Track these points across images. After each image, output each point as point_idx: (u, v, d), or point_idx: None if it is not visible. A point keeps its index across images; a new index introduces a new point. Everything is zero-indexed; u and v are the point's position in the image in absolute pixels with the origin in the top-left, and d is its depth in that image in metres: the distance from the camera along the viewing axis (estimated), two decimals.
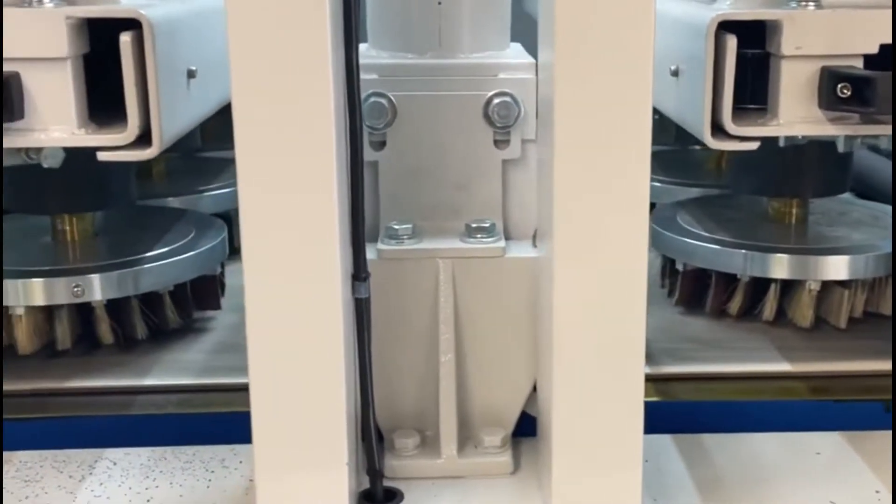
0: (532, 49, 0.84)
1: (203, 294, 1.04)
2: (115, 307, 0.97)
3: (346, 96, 0.68)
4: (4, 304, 0.93)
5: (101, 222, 1.06)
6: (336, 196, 0.66)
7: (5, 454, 0.83)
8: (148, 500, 0.77)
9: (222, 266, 1.07)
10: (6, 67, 0.69)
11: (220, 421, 0.89)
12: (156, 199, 1.21)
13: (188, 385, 0.94)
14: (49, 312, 0.96)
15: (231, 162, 0.67)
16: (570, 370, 0.70)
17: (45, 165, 0.87)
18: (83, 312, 0.97)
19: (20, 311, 0.93)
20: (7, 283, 0.93)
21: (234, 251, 0.92)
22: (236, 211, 0.68)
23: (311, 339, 0.68)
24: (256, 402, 0.70)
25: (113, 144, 0.72)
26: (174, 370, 0.96)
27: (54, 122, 0.71)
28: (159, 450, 0.84)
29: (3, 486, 0.78)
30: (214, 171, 1.34)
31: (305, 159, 0.65)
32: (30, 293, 0.93)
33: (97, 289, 0.94)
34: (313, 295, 0.68)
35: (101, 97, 0.75)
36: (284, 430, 0.70)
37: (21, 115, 0.70)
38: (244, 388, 0.71)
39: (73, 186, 0.99)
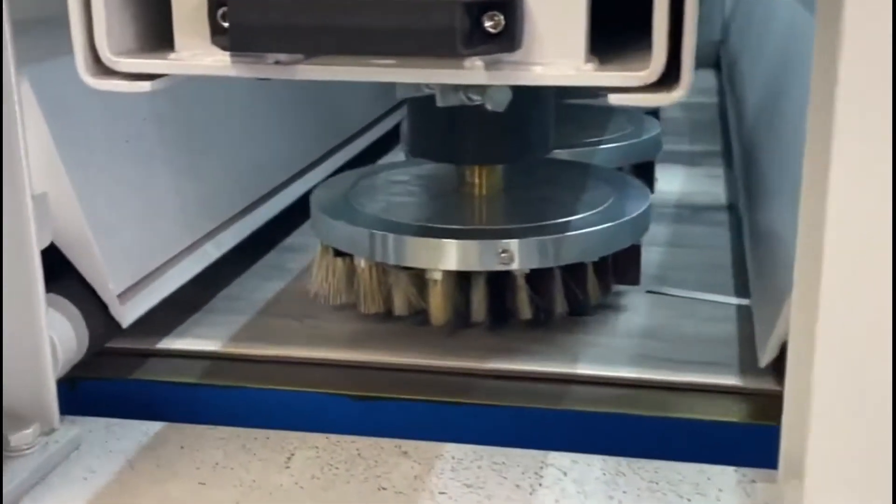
0: None
1: (625, 266, 0.89)
2: (533, 277, 0.84)
3: None
4: (416, 265, 0.82)
5: (507, 176, 0.93)
6: None
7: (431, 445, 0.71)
8: None
9: None
10: None
11: (678, 429, 0.73)
12: None
13: (623, 378, 0.79)
14: (462, 279, 0.84)
15: (610, 111, 0.50)
16: None
17: (490, 108, 0.74)
18: (495, 280, 0.85)
19: (437, 275, 0.81)
20: (419, 241, 0.81)
21: None
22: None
23: None
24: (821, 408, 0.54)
25: (627, 84, 0.56)
26: (602, 358, 0.82)
27: (558, 54, 0.57)
28: (611, 461, 0.69)
29: (445, 484, 0.66)
30: (592, 120, 1.18)
31: None
32: (448, 255, 0.80)
33: (521, 256, 0.80)
34: None
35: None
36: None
37: (519, 45, 0.56)
38: (701, 390, 0.55)
39: (492, 134, 0.86)
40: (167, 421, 0.75)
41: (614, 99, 0.56)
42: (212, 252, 0.94)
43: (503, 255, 0.79)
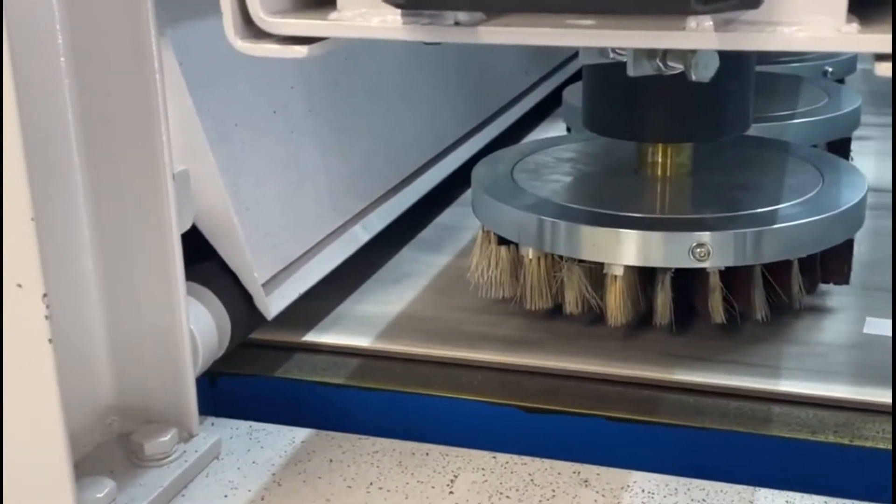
0: None
1: (835, 263, 0.76)
2: (727, 274, 0.72)
3: None
4: (593, 258, 0.72)
5: (694, 157, 0.81)
6: None
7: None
8: None
9: None
10: None
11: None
12: None
13: (839, 400, 0.67)
14: (645, 274, 0.74)
15: (798, 81, 0.40)
16: None
17: (694, 78, 0.63)
18: (682, 277, 0.74)
19: (618, 270, 0.71)
20: (598, 231, 0.71)
21: None
22: None
23: None
24: None
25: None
26: (812, 372, 0.70)
27: (813, 11, 0.46)
28: None
29: None
30: (781, 90, 1.06)
31: None
32: (632, 249, 0.70)
33: (718, 251, 0.69)
34: None
35: None
36: None
37: (759, 3, 0.45)
38: None
39: (684, 108, 0.75)
40: (313, 426, 0.67)
41: (882, 70, 0.45)
42: (361, 235, 0.86)
43: (698, 249, 0.68)
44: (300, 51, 0.51)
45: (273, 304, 0.72)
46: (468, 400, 0.69)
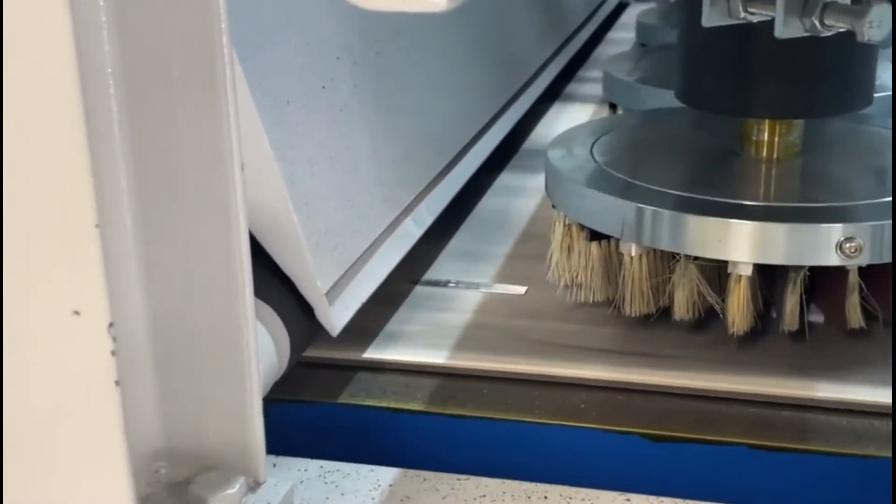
0: None
1: None
2: (865, 273, 0.62)
3: None
4: (715, 256, 0.61)
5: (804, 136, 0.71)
6: None
7: None
8: None
9: None
10: None
11: None
12: None
13: None
14: (770, 273, 0.63)
15: None
16: None
17: (866, 38, 0.53)
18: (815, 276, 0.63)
19: (746, 269, 0.60)
20: (721, 224, 0.60)
21: None
22: None
23: None
24: None
25: None
26: None
27: None
28: None
29: None
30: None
31: None
32: (765, 244, 0.59)
33: (871, 246, 0.59)
34: None
35: None
36: None
37: None
38: None
39: (804, 79, 0.64)
40: (390, 463, 0.56)
41: None
42: (413, 231, 0.74)
43: (847, 245, 0.58)
44: (438, 3, 0.40)
45: (337, 318, 0.60)
46: (578, 427, 0.58)
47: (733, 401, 0.60)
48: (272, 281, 0.59)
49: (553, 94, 1.30)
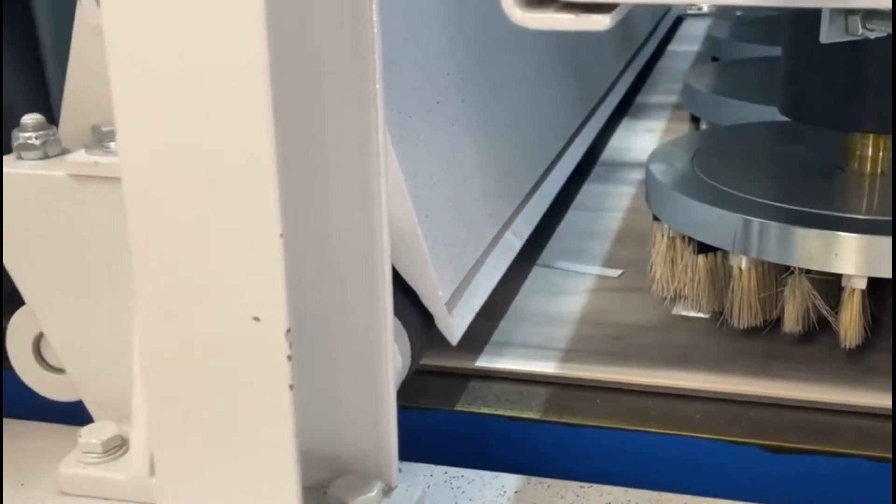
0: None
1: None
2: None
3: None
4: (834, 269, 0.62)
5: None
6: None
7: None
8: None
9: None
10: None
11: None
12: None
13: None
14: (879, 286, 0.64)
15: None
16: None
17: None
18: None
19: (861, 283, 0.61)
20: (844, 239, 0.60)
21: None
22: None
23: None
24: None
25: None
26: None
27: None
28: None
29: None
30: None
31: None
32: (884, 259, 0.60)
33: None
34: None
35: None
36: None
37: None
38: None
39: None
40: (509, 469, 0.57)
41: None
42: (514, 243, 0.76)
43: None
44: (601, 21, 0.41)
45: (456, 327, 0.62)
46: (697, 438, 0.59)
47: (848, 413, 0.60)
48: (395, 293, 0.60)
49: (623, 107, 1.31)
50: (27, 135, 0.55)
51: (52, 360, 0.58)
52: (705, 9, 1.31)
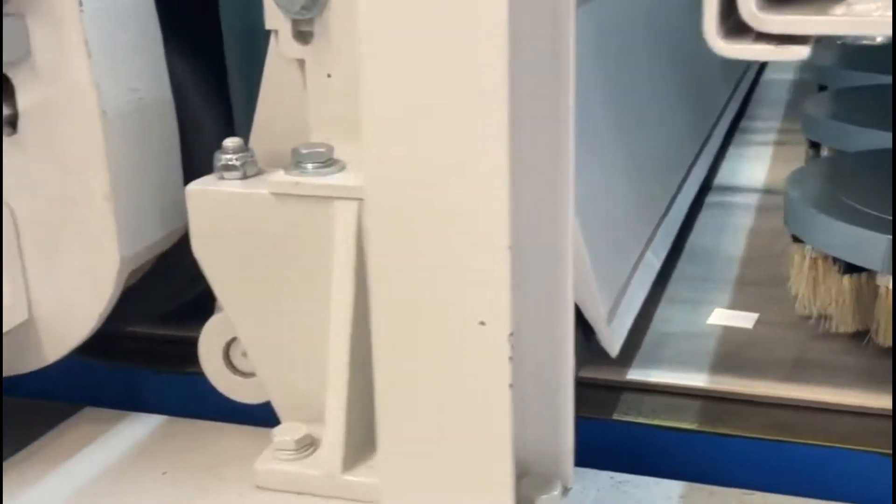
0: None
1: None
2: None
3: None
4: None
5: None
6: None
7: None
8: None
9: None
10: None
11: None
12: None
13: None
14: None
15: None
16: None
17: None
18: None
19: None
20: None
21: None
22: None
23: None
24: None
25: None
26: None
27: None
28: None
29: None
30: None
31: None
32: None
33: None
34: None
35: None
36: None
37: None
38: None
39: None
40: (668, 475, 0.60)
41: None
42: (654, 262, 0.79)
43: None
44: (800, 52, 0.44)
45: (615, 340, 0.65)
46: (857, 451, 0.61)
47: None
48: None
49: (728, 136, 1.33)
50: (228, 156, 0.59)
51: (241, 366, 0.63)
52: (879, 40, 1.33)
